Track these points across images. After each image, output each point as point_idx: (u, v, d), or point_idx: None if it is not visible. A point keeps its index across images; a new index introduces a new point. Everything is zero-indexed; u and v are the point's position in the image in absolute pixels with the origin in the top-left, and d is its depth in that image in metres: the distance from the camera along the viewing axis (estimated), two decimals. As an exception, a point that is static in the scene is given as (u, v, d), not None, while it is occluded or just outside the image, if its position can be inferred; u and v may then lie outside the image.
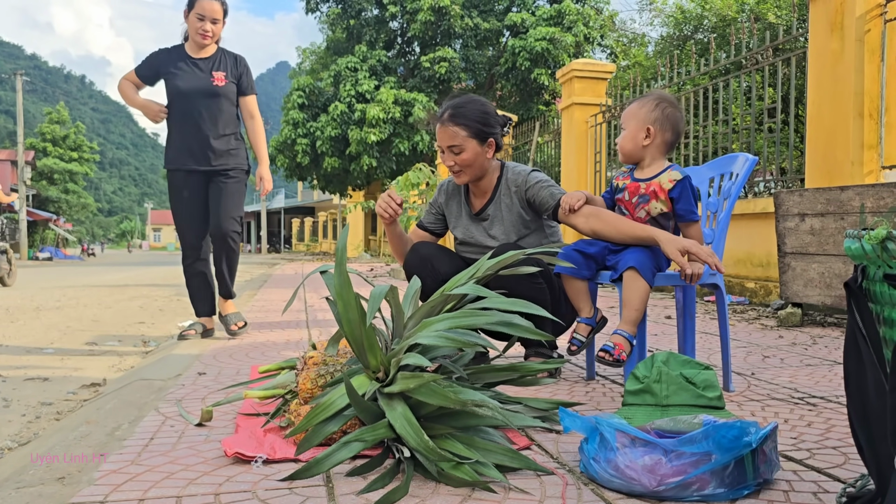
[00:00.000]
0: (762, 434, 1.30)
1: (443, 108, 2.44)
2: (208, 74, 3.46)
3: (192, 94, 3.42)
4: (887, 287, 1.14)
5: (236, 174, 3.52)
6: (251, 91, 3.61)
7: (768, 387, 2.29)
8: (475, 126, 2.37)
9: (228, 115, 3.50)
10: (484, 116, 2.39)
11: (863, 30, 4.35)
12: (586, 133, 8.46)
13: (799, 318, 3.90)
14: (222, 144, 3.47)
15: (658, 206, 2.14)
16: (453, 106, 2.41)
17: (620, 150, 2.23)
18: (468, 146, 2.37)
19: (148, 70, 3.51)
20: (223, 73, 3.49)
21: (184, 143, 3.45)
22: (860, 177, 4.34)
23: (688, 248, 1.94)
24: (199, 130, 3.42)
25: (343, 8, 19.55)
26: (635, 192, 2.17)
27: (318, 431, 1.52)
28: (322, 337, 3.57)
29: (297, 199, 48.40)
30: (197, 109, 3.42)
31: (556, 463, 1.51)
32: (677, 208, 2.12)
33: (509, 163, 2.53)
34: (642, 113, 2.18)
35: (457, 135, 2.36)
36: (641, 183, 2.17)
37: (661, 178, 2.14)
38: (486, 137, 2.39)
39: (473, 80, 19.66)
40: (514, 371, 1.80)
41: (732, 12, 9.36)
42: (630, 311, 2.00)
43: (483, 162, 2.42)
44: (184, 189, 3.46)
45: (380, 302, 1.62)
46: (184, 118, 3.44)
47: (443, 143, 2.40)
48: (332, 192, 20.84)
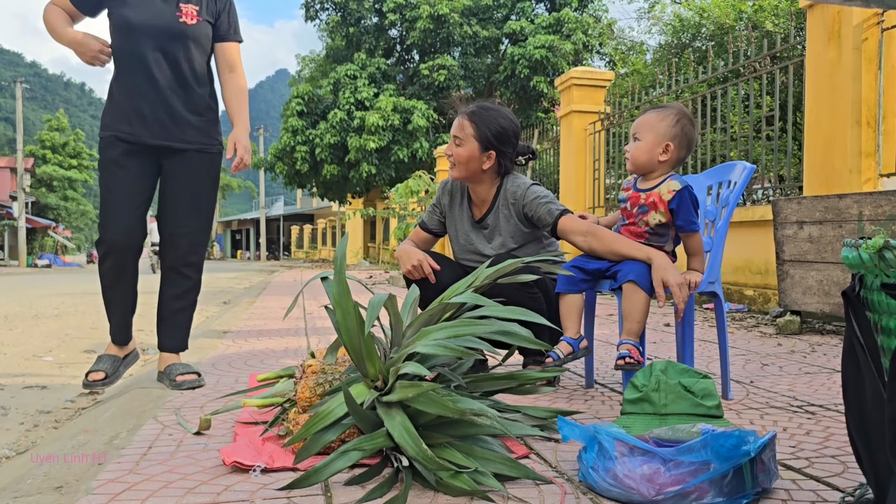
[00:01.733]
0: (761, 443, 1.30)
1: (475, 103, 2.49)
2: (173, 6, 2.45)
3: (148, 32, 2.39)
4: (885, 296, 1.14)
5: (204, 158, 2.53)
6: (234, 36, 2.62)
7: (767, 395, 2.28)
8: (484, 132, 2.39)
9: (199, 69, 2.51)
10: (498, 129, 2.40)
11: (860, 38, 4.37)
12: (585, 141, 8.48)
13: (798, 325, 3.90)
14: (188, 111, 2.49)
15: (657, 216, 2.12)
16: (481, 106, 2.45)
17: (633, 161, 2.16)
18: (468, 143, 2.40)
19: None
20: (195, 6, 2.49)
21: (130, 102, 2.43)
22: (858, 185, 4.35)
23: (668, 284, 1.98)
24: (155, 87, 2.42)
25: (342, 16, 19.63)
26: (636, 203, 2.17)
27: (316, 440, 1.51)
28: (321, 345, 3.57)
29: (297, 207, 48.40)
30: (153, 55, 2.40)
31: (554, 472, 1.50)
32: (677, 220, 2.11)
33: (512, 175, 2.52)
34: (662, 127, 2.11)
35: (464, 128, 2.41)
36: (642, 193, 2.16)
37: (660, 188, 2.12)
38: (488, 147, 2.40)
39: (472, 87, 19.72)
40: (513, 380, 1.80)
41: (730, 21, 9.40)
42: (631, 324, 2.00)
43: (476, 167, 2.42)
44: (121, 167, 2.43)
45: (378, 310, 1.62)
46: (132, 67, 2.41)
47: (453, 130, 2.46)
48: (332, 199, 20.87)
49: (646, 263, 2.04)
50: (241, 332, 4.15)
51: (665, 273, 1.99)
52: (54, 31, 2.44)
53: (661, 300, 1.98)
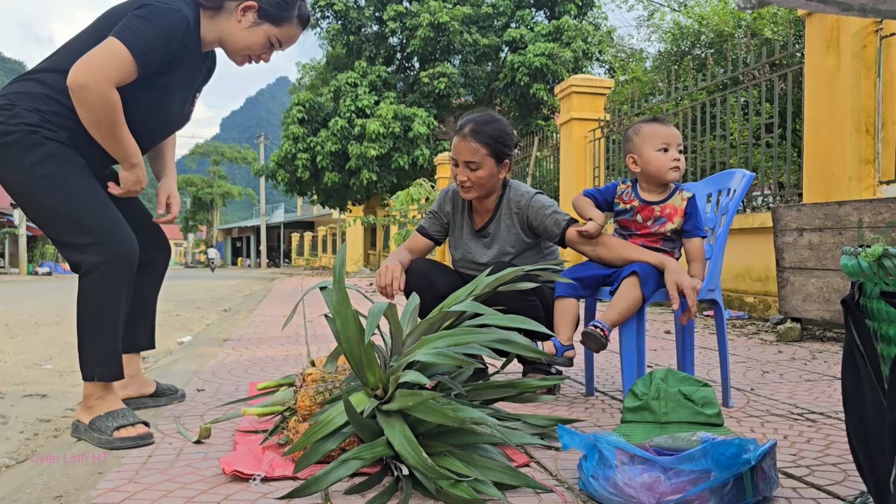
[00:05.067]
0: (761, 451, 1.30)
1: (464, 120, 2.40)
2: (192, 94, 2.20)
3: (170, 117, 2.13)
4: (884, 304, 1.14)
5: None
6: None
7: (767, 402, 2.28)
8: (495, 145, 2.34)
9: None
10: (504, 137, 2.37)
11: (859, 46, 4.38)
12: (585, 148, 8.49)
13: (798, 332, 3.90)
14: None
15: (673, 225, 2.19)
16: (476, 121, 2.37)
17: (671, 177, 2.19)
18: (486, 164, 2.34)
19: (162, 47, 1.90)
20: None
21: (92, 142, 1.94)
22: (858, 192, 4.35)
23: (682, 287, 2.02)
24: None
25: (343, 24, 19.69)
26: (649, 216, 2.20)
27: (316, 449, 1.51)
28: (321, 353, 3.57)
29: (297, 214, 48.48)
30: (149, 130, 2.08)
31: (554, 480, 1.50)
32: (685, 224, 2.18)
33: (513, 182, 2.52)
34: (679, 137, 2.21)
35: (477, 151, 2.33)
36: (655, 206, 2.20)
37: (673, 199, 2.20)
38: (503, 158, 2.37)
39: (472, 95, 19.77)
40: (513, 388, 1.80)
41: (729, 28, 9.43)
42: (612, 312, 2.03)
43: (495, 182, 2.40)
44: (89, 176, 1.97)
45: (378, 319, 1.62)
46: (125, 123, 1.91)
47: (460, 156, 2.36)
48: (332, 206, 20.90)
49: (655, 267, 2.07)
50: (241, 340, 4.15)
51: (679, 277, 2.04)
52: (119, 127, 1.89)
53: (674, 302, 2.02)
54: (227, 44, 2.08)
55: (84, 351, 1.93)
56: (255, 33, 2.05)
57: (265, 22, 2.04)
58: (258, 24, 2.04)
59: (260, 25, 2.04)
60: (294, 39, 2.13)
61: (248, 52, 2.09)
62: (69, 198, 1.91)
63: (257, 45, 2.07)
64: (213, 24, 2.05)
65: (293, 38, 2.13)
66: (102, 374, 1.93)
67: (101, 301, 1.92)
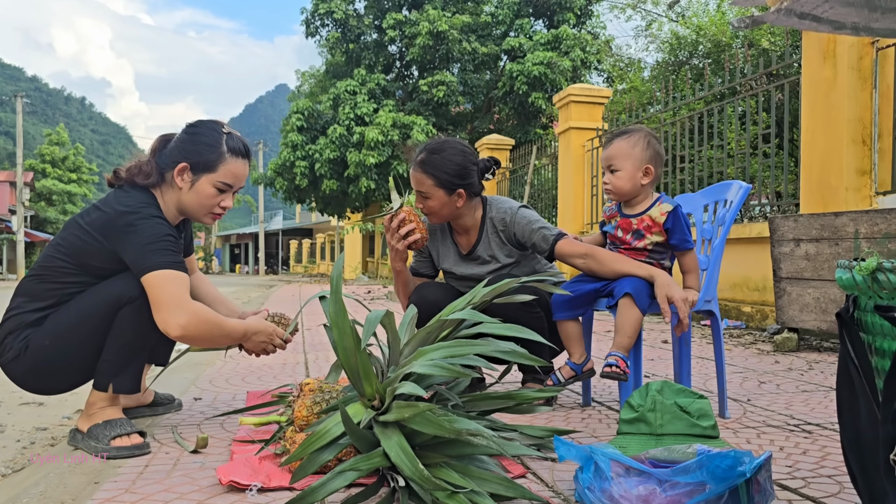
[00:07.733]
0: (756, 463, 1.30)
1: (420, 148, 2.38)
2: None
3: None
4: (878, 318, 1.15)
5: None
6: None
7: (764, 413, 2.29)
8: (443, 177, 2.30)
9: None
10: (457, 168, 2.32)
11: (855, 57, 4.40)
12: (583, 157, 8.52)
13: (795, 342, 3.90)
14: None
15: (652, 238, 2.17)
16: (428, 151, 2.34)
17: (617, 192, 2.19)
18: (434, 195, 2.33)
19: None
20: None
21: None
22: (854, 202, 4.37)
23: (673, 299, 2.01)
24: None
25: (342, 32, 19.74)
26: (628, 229, 2.20)
27: (313, 460, 1.51)
28: (318, 361, 3.57)
29: (295, 221, 48.46)
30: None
31: (550, 492, 1.50)
32: (671, 239, 2.16)
33: (492, 198, 2.47)
34: (637, 152, 2.16)
35: (423, 182, 2.33)
36: (633, 219, 2.19)
37: (651, 211, 2.17)
38: (454, 188, 2.33)
39: (471, 103, 19.81)
40: (510, 399, 1.80)
41: (727, 39, 9.47)
42: (622, 338, 2.03)
43: (451, 209, 2.37)
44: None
45: (374, 327, 1.62)
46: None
47: (413, 185, 2.37)
48: (331, 213, 20.88)
49: (646, 281, 2.07)
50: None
51: (669, 289, 2.03)
52: (222, 323, 1.98)
53: (666, 315, 2.02)
54: (184, 211, 2.10)
55: (105, 364, 1.93)
56: (200, 188, 2.05)
57: (202, 174, 2.04)
58: (196, 178, 2.04)
59: (199, 179, 2.04)
60: (242, 174, 2.12)
61: (207, 209, 2.09)
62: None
63: (208, 198, 2.07)
64: (166, 199, 2.07)
65: (240, 173, 2.11)
66: (120, 386, 1.94)
67: (142, 329, 1.93)
